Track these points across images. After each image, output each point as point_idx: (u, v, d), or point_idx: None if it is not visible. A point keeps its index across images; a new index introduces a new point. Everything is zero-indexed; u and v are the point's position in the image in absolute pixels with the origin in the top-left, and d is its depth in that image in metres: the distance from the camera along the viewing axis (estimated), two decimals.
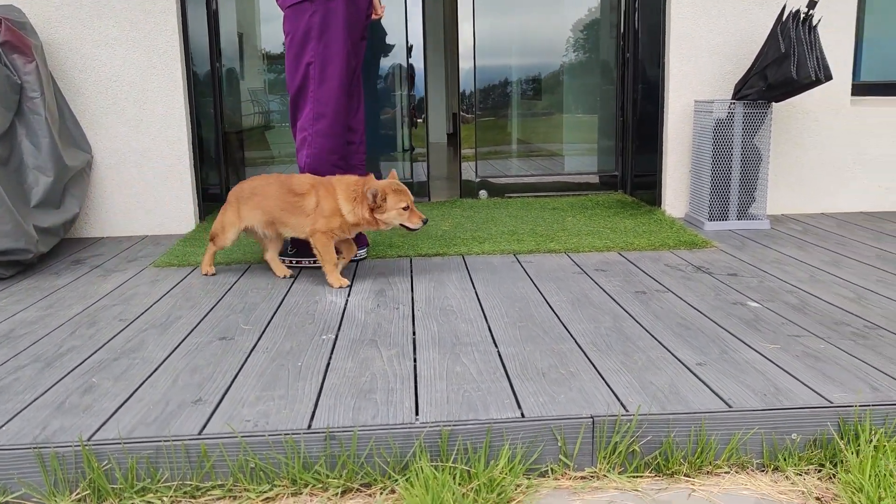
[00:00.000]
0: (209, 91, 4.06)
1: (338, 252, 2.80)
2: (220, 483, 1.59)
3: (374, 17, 2.96)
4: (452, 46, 4.42)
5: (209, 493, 1.58)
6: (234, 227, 2.84)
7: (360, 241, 3.08)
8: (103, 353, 2.11)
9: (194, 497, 1.58)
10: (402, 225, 2.70)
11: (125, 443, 1.58)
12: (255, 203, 2.79)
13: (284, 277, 2.86)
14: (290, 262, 2.99)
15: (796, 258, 3.00)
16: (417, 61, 4.42)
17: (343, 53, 2.80)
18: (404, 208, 2.66)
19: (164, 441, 1.58)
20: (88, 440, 1.59)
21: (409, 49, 4.39)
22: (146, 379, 1.91)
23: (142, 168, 3.67)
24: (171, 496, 1.57)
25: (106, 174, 3.67)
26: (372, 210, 2.66)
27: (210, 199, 4.03)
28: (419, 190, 4.47)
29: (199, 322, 2.36)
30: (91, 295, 2.70)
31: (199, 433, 1.61)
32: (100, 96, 3.61)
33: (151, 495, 1.57)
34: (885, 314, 2.29)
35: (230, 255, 3.17)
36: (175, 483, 1.58)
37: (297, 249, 2.99)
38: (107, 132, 3.64)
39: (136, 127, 3.64)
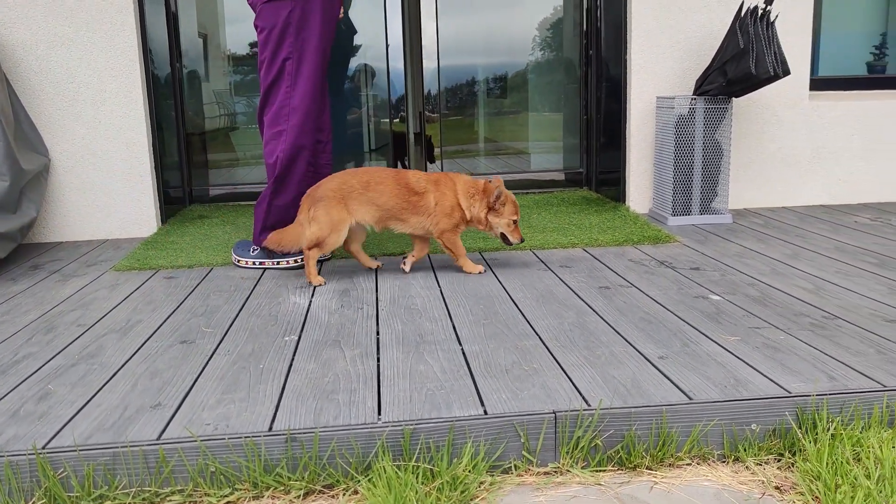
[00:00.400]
0: (170, 93, 4.01)
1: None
2: (179, 488, 1.56)
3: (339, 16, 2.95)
4: (416, 46, 4.41)
5: (168, 498, 1.56)
6: (346, 224, 2.67)
7: None
8: (60, 359, 2.07)
9: (153, 503, 1.55)
10: (503, 234, 2.76)
11: (81, 450, 1.55)
12: (368, 199, 2.67)
13: (376, 269, 2.90)
14: (253, 262, 2.96)
15: (757, 251, 3.04)
16: (397, 61, 4.41)
17: (319, 50, 2.79)
18: (514, 220, 2.73)
19: (122, 447, 1.55)
20: (43, 448, 1.55)
21: (387, 48, 4.38)
22: (104, 384, 1.88)
23: (101, 171, 3.61)
24: (129, 503, 1.55)
25: (64, 177, 3.60)
26: (489, 210, 2.70)
27: (172, 202, 3.98)
28: None
29: (160, 326, 2.33)
30: (49, 300, 2.64)
31: (158, 438, 1.58)
32: (57, 98, 3.54)
33: (109, 502, 1.54)
34: (843, 305, 2.33)
35: (192, 257, 3.13)
36: (133, 489, 1.56)
37: (261, 251, 2.96)
38: (64, 135, 3.57)
39: (95, 129, 3.58)
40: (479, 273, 2.80)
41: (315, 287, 2.70)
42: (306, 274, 2.73)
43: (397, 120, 4.61)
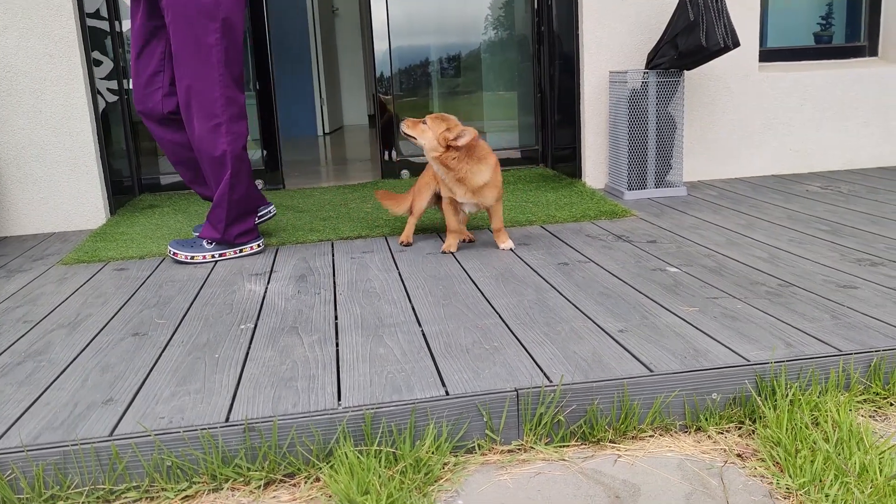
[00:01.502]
0: (113, 79, 3.88)
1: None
2: (135, 484, 1.52)
3: None
4: (367, 26, 4.34)
5: (124, 495, 1.51)
6: (428, 189, 2.96)
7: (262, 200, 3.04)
8: (6, 357, 2.00)
9: (108, 501, 1.51)
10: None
11: (29, 450, 1.49)
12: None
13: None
14: (212, 255, 2.88)
15: (712, 223, 3.06)
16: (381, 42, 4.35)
17: (241, 35, 2.72)
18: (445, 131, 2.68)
19: (73, 445, 1.50)
20: None
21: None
22: (53, 381, 1.81)
23: (44, 162, 3.49)
24: (82, 502, 1.50)
25: (5, 170, 3.48)
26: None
27: (120, 192, 3.87)
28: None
29: (111, 319, 2.26)
30: None
31: (111, 434, 1.53)
32: None
33: (62, 503, 1.49)
34: (797, 272, 2.36)
35: (143, 248, 3.05)
36: (87, 488, 1.51)
37: (217, 243, 2.88)
38: (4, 125, 3.44)
39: (36, 118, 3.45)
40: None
41: (271, 274, 2.65)
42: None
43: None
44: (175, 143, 2.89)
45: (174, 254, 2.85)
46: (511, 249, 2.80)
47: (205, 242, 2.86)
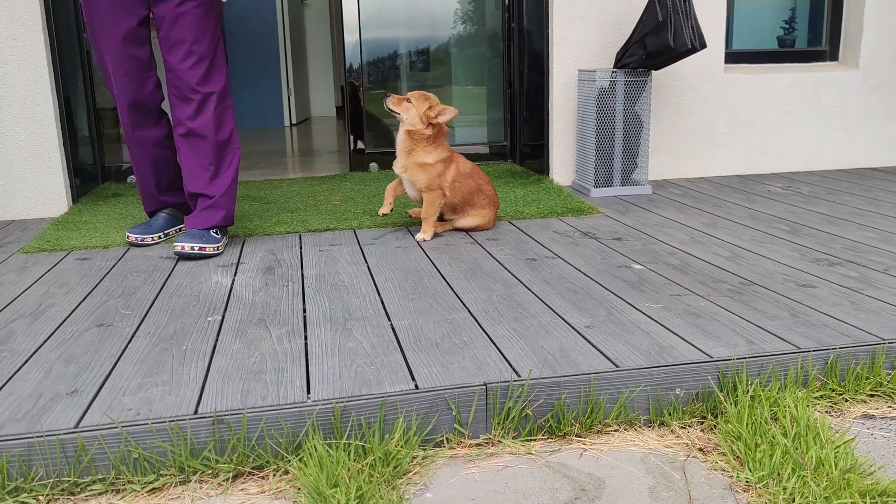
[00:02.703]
0: (77, 64, 3.82)
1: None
2: (100, 477, 1.50)
3: None
4: (337, 17, 4.32)
5: (89, 488, 1.50)
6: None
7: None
8: None
9: (73, 493, 1.49)
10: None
11: None
12: None
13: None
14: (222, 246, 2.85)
15: (677, 221, 3.12)
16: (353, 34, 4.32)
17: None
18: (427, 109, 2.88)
19: (37, 437, 1.48)
20: None
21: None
22: (15, 372, 1.79)
23: (3, 148, 3.42)
24: (47, 494, 1.48)
25: None
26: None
27: (84, 180, 3.81)
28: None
29: (74, 309, 2.23)
30: None
31: (76, 426, 1.52)
32: None
33: (25, 495, 1.47)
34: (758, 271, 2.41)
35: (107, 237, 3.01)
36: (51, 480, 1.49)
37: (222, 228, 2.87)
38: None
39: None
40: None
41: (238, 266, 2.63)
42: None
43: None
44: (153, 142, 2.87)
45: (201, 248, 2.74)
46: (422, 241, 2.89)
47: (212, 232, 2.81)
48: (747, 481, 1.47)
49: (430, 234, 2.89)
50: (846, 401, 1.78)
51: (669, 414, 1.71)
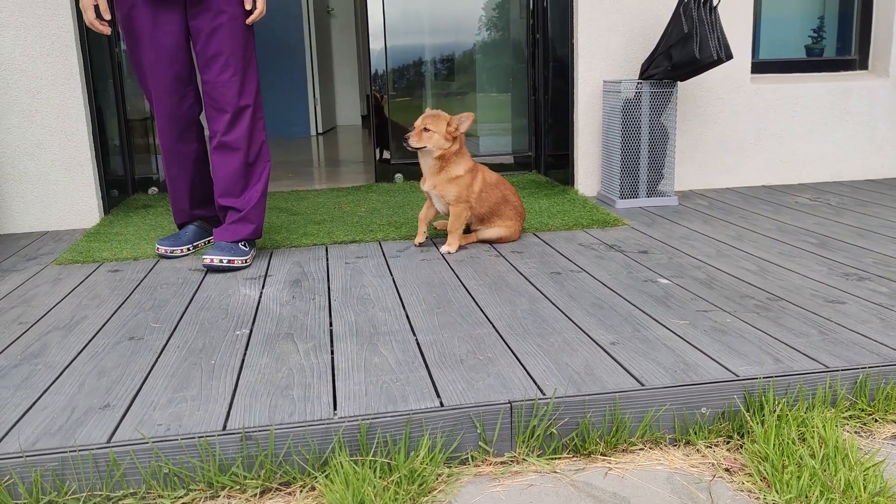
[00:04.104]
0: (109, 77, 3.89)
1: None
2: (132, 491, 1.53)
3: None
4: (362, 26, 4.36)
5: (121, 502, 1.53)
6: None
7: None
8: (2, 360, 2.00)
9: None
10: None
11: (27, 456, 1.50)
12: None
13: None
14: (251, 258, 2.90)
15: (703, 233, 3.10)
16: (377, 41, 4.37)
17: None
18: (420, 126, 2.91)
19: (70, 451, 1.51)
20: None
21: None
22: (49, 385, 1.83)
23: (39, 161, 3.49)
24: None
25: (0, 168, 3.48)
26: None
27: (115, 192, 3.87)
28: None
29: (106, 322, 2.27)
30: None
31: (108, 441, 1.55)
32: None
33: None
34: (785, 286, 2.39)
35: (137, 249, 3.06)
36: (84, 494, 1.52)
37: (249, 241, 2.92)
38: None
39: (31, 118, 3.45)
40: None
41: (266, 278, 2.67)
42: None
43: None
44: (192, 158, 2.92)
45: (230, 261, 2.77)
46: (446, 253, 2.91)
47: (241, 245, 2.84)
48: (774, 503, 1.46)
49: (455, 247, 2.91)
50: (876, 421, 1.76)
51: (695, 433, 1.70)
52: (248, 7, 2.70)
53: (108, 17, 2.68)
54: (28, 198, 3.52)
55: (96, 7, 2.67)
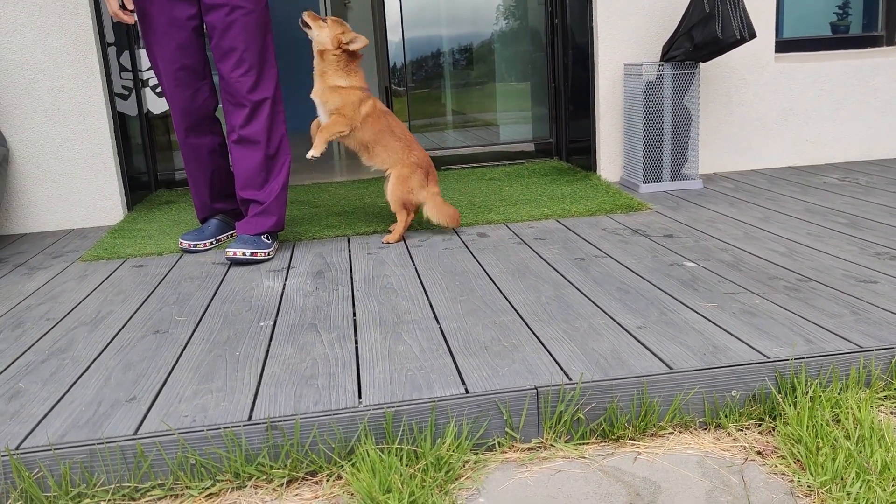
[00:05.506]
0: (129, 75, 3.91)
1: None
2: (159, 482, 1.54)
3: None
4: (380, 18, 4.34)
5: (149, 493, 1.53)
6: None
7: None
8: (30, 355, 2.02)
9: (133, 499, 1.53)
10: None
11: (56, 448, 1.51)
12: None
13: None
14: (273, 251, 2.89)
15: (729, 216, 3.05)
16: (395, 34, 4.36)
17: None
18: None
19: (98, 444, 1.52)
20: (17, 449, 1.52)
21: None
22: (77, 379, 1.84)
23: (62, 159, 3.52)
24: (108, 500, 1.52)
25: (24, 168, 3.51)
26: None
27: (137, 188, 3.90)
28: None
29: (132, 316, 2.28)
30: (15, 295, 2.58)
31: (135, 433, 1.55)
32: (12, 86, 3.43)
33: (88, 501, 1.51)
34: (815, 266, 2.35)
35: (161, 244, 3.08)
36: (112, 486, 1.53)
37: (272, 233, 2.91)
38: (22, 124, 3.47)
39: (54, 117, 3.48)
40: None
41: (289, 270, 2.67)
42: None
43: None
44: (207, 150, 2.92)
45: (253, 254, 2.76)
46: (311, 157, 2.84)
47: (263, 237, 2.84)
48: (809, 486, 1.43)
49: (319, 150, 2.84)
50: None
51: (725, 416, 1.67)
52: None
53: (131, 6, 2.68)
54: (53, 196, 3.55)
55: None
